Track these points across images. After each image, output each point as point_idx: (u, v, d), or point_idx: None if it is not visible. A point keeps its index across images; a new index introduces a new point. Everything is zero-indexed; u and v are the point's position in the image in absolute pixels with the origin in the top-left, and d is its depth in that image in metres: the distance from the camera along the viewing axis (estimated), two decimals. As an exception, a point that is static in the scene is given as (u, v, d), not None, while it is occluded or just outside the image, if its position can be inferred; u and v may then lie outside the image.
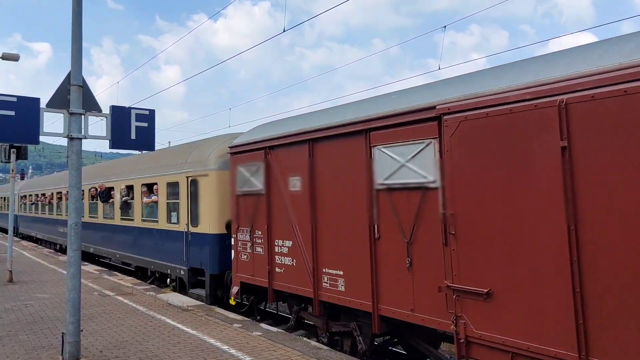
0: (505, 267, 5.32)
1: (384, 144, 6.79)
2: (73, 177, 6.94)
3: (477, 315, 5.59)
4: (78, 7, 6.90)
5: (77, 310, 6.85)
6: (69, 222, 6.88)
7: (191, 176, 12.02)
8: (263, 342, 7.95)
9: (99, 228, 17.97)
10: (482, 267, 5.53)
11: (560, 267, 4.85)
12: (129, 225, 15.48)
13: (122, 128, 7.28)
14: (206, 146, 12.32)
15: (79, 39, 6.91)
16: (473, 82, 6.08)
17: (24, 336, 8.34)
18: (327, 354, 7.42)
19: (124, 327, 8.94)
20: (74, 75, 6.87)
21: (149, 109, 7.59)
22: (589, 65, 4.85)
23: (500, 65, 6.30)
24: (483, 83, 5.86)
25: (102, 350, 7.52)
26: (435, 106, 6.09)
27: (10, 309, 10.50)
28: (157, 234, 13.71)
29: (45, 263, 18.88)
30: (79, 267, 6.94)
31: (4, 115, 6.40)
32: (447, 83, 6.71)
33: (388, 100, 7.22)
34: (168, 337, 8.26)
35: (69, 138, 6.90)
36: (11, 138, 7.01)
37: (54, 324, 9.16)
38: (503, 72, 5.88)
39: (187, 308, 10.49)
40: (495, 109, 5.42)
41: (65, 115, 6.87)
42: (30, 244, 28.39)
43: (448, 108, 5.92)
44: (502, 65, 6.24)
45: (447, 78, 7.08)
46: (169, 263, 12.98)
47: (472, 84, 6.01)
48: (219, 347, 7.64)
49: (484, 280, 5.51)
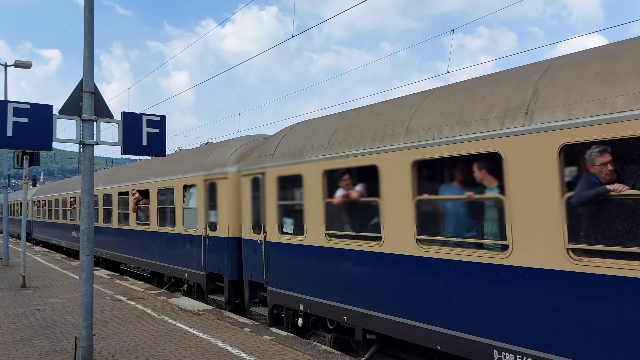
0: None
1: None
2: (85, 183, 7.02)
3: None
4: (90, 15, 7.00)
5: (89, 315, 6.91)
6: (81, 228, 6.96)
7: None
8: (273, 346, 7.97)
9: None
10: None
11: None
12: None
13: (134, 134, 7.35)
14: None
15: (90, 46, 7.01)
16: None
17: (37, 341, 8.43)
18: (337, 358, 7.43)
19: (135, 331, 9.01)
20: (86, 82, 6.96)
21: (160, 115, 7.66)
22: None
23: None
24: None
25: (114, 354, 7.59)
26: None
27: (23, 314, 10.61)
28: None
29: (58, 268, 19.05)
30: (91, 271, 7.00)
31: (18, 122, 6.49)
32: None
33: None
34: (179, 341, 8.30)
35: (82, 144, 6.99)
36: (25, 145, 7.10)
37: (67, 328, 9.25)
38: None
39: (197, 312, 10.54)
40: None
41: (78, 121, 6.95)
42: (43, 249, 28.66)
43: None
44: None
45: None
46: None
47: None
48: (229, 351, 7.67)
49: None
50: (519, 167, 5.49)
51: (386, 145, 7.12)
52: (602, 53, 5.37)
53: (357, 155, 7.64)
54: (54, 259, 22.57)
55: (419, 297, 6.66)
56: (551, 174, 5.16)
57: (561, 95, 5.27)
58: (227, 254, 11.18)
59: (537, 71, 5.85)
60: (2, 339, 8.53)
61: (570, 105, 5.12)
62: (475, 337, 5.88)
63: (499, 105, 5.87)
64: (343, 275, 7.86)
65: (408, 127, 6.90)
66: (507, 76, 6.28)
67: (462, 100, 6.46)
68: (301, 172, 8.78)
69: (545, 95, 5.42)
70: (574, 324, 4.98)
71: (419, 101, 7.22)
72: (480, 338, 5.83)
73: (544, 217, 5.23)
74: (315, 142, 8.67)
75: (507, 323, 5.58)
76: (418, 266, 6.65)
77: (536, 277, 5.30)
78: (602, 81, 5.00)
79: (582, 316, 4.93)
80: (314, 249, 8.50)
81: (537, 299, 5.28)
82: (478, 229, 6.37)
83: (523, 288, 5.40)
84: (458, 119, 6.28)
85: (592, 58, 5.39)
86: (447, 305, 6.27)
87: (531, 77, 5.80)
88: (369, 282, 7.39)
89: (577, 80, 5.25)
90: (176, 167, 13.74)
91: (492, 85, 6.27)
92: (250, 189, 10.41)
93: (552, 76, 5.56)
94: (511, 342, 5.51)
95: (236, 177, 11.11)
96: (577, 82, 5.24)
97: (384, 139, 7.21)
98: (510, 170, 5.56)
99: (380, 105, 8.15)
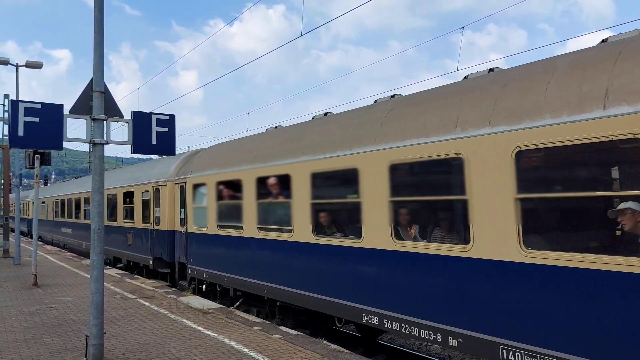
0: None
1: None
2: (96, 182, 7.06)
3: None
4: (100, 15, 7.03)
5: (100, 313, 6.95)
6: (92, 226, 7.00)
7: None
8: (283, 344, 7.97)
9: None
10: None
11: None
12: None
13: (143, 133, 7.38)
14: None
15: (100, 46, 7.03)
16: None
17: (48, 339, 8.49)
18: (347, 356, 7.41)
19: (146, 329, 9.05)
20: (96, 82, 6.99)
21: (169, 114, 7.68)
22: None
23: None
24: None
25: (124, 352, 7.62)
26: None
27: (35, 312, 10.70)
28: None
29: (69, 267, 19.20)
30: (102, 270, 7.04)
31: (30, 122, 6.53)
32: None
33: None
34: (189, 339, 8.33)
35: (92, 143, 7.02)
36: (37, 144, 7.15)
37: (78, 326, 9.31)
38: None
39: (207, 311, 10.57)
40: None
41: (88, 121, 6.99)
42: (54, 248, 28.90)
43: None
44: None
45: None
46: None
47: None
48: (239, 350, 7.68)
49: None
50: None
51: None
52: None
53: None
54: (65, 258, 22.74)
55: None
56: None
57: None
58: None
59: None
60: (14, 337, 8.61)
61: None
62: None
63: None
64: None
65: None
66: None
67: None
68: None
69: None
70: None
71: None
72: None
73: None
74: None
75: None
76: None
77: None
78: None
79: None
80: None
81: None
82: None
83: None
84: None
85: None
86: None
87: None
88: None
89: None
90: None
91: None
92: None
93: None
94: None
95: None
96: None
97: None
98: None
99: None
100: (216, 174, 12.01)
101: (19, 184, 23.67)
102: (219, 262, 11.89)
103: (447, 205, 6.70)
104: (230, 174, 11.38)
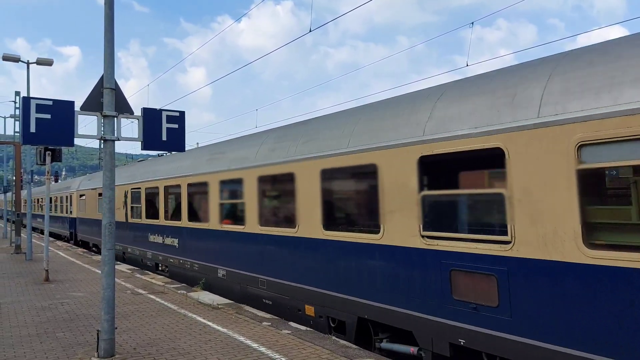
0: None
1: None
2: (107, 178, 7.10)
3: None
4: (110, 11, 7.06)
5: (111, 309, 7.01)
6: (103, 222, 7.05)
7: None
8: (292, 340, 8.00)
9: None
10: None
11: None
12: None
13: (154, 130, 7.42)
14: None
15: (111, 43, 7.07)
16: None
17: (60, 333, 8.58)
18: (356, 352, 7.42)
19: (156, 324, 9.12)
20: (107, 79, 7.03)
21: (179, 111, 7.71)
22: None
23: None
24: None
25: (135, 347, 7.69)
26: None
27: (47, 307, 10.81)
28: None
29: (80, 262, 19.37)
30: (113, 265, 7.10)
31: (41, 118, 6.59)
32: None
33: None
34: (199, 334, 8.38)
35: (103, 140, 7.07)
36: (48, 140, 7.22)
37: (89, 321, 9.40)
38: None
39: (217, 306, 10.63)
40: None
41: (99, 117, 7.03)
42: (65, 244, 29.17)
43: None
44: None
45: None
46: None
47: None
48: (249, 345, 7.72)
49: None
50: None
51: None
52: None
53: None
54: (76, 253, 22.95)
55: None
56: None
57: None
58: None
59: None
60: (26, 332, 8.71)
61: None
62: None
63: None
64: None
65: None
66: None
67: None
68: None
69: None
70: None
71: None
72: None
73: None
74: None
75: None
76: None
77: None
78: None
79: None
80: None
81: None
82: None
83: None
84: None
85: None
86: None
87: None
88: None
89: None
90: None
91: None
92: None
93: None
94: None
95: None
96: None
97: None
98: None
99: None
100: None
101: (30, 180, 23.90)
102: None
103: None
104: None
